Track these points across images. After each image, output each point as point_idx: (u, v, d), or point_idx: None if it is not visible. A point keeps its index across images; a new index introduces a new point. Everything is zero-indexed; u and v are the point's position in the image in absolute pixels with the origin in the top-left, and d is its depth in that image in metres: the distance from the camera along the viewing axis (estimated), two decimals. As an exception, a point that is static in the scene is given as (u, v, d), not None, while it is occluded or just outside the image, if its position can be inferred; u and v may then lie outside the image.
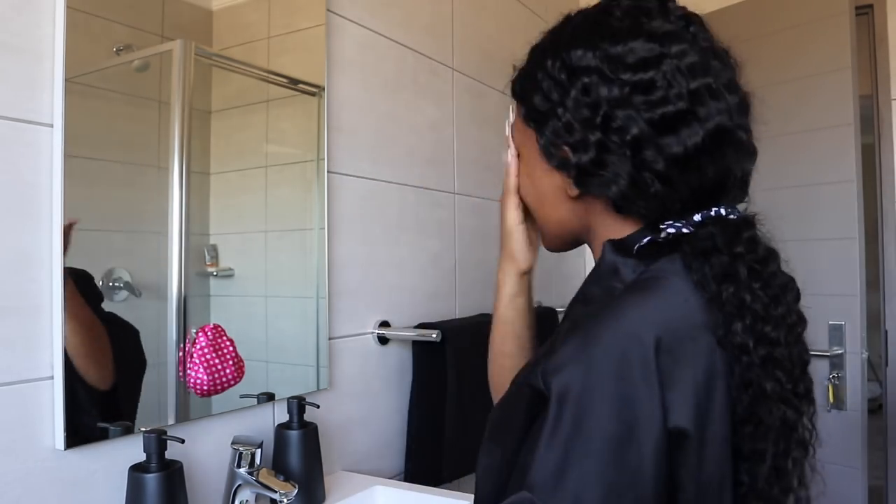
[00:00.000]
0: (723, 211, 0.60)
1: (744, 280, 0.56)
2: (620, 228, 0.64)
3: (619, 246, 0.63)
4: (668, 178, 0.58)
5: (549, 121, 0.63)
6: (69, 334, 0.86)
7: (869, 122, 1.94)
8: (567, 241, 0.72)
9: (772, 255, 0.60)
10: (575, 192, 0.64)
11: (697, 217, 0.59)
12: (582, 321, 0.57)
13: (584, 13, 0.65)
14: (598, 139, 0.59)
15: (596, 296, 0.63)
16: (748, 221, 0.60)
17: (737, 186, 0.62)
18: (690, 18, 0.62)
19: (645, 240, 0.61)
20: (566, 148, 0.62)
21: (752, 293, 0.56)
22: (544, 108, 0.64)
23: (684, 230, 0.59)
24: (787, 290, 0.60)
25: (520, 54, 0.72)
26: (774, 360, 0.56)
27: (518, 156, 0.73)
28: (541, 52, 0.66)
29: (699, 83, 0.58)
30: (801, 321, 0.60)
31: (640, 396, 0.52)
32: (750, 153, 0.62)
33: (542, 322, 0.91)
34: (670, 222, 0.60)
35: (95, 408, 0.90)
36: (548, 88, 0.63)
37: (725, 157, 0.59)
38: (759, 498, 0.57)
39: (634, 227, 0.64)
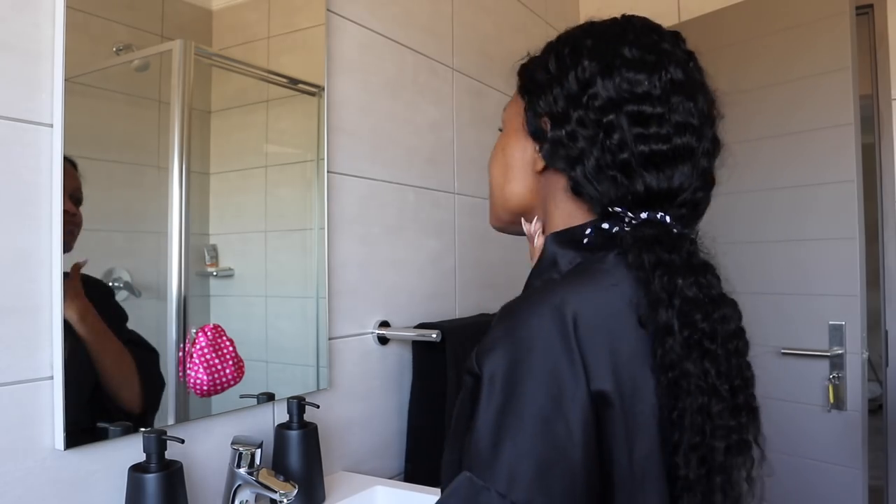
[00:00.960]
0: (668, 219, 0.63)
1: (678, 268, 0.59)
2: (571, 211, 0.68)
3: (560, 238, 0.68)
4: (628, 169, 0.63)
5: (541, 92, 0.68)
6: (101, 367, 0.89)
7: (869, 122, 1.94)
8: (514, 219, 0.75)
9: (708, 267, 0.62)
10: (541, 165, 0.68)
11: (644, 215, 0.63)
12: (510, 306, 0.61)
13: (609, 20, 0.71)
14: (578, 115, 0.64)
15: (535, 287, 0.67)
16: (689, 237, 0.63)
17: (687, 207, 0.65)
18: (691, 53, 0.70)
19: (588, 230, 0.65)
20: (547, 119, 0.67)
21: (685, 281, 0.59)
22: (541, 79, 0.68)
23: (626, 227, 0.63)
24: (724, 302, 0.62)
25: (520, 54, 0.74)
26: (700, 348, 0.58)
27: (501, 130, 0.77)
28: (556, 41, 0.71)
29: (681, 99, 0.64)
30: (741, 337, 0.62)
31: (563, 367, 0.55)
32: (707, 183, 0.66)
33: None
34: (620, 210, 0.63)
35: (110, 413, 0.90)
36: (549, 64, 0.68)
37: (682, 174, 0.63)
38: (690, 488, 0.58)
39: (583, 214, 0.67)
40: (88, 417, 0.88)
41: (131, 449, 0.91)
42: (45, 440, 0.84)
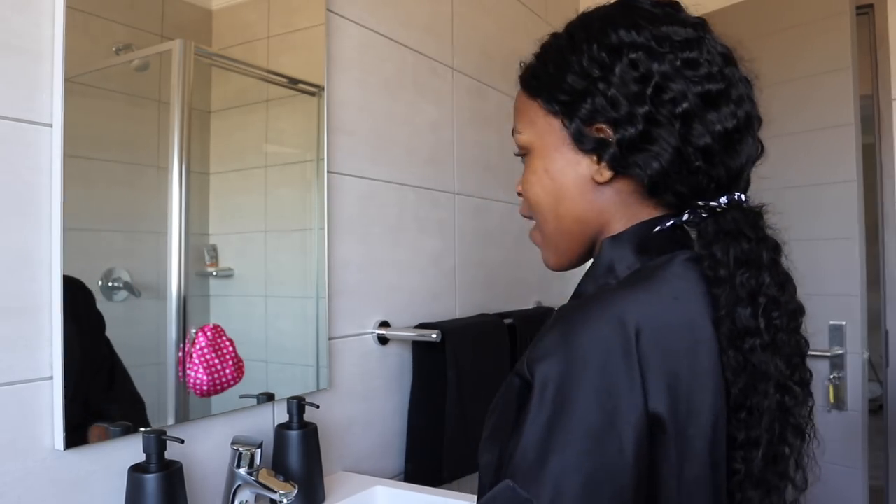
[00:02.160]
0: (744, 198, 0.61)
1: (765, 265, 0.58)
2: (635, 215, 0.64)
3: (618, 242, 0.64)
4: (710, 154, 0.59)
5: (584, 101, 0.62)
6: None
7: (869, 122, 1.94)
8: (580, 248, 0.68)
9: (779, 248, 0.61)
10: (607, 175, 0.62)
11: (723, 199, 0.60)
12: (567, 312, 0.57)
13: (607, 7, 0.65)
14: (646, 112, 0.59)
15: (589, 293, 0.64)
16: (761, 212, 0.61)
17: (747, 178, 0.64)
18: (702, 20, 0.65)
19: (656, 228, 0.62)
20: (605, 126, 0.61)
21: (769, 283, 0.57)
22: (580, 86, 0.62)
23: (704, 214, 0.61)
24: (789, 279, 0.61)
25: (520, 54, 0.72)
26: (775, 346, 0.57)
27: (524, 155, 0.70)
28: (568, 39, 0.65)
29: (732, 70, 0.61)
30: (801, 310, 0.61)
31: (621, 384, 0.52)
32: (760, 151, 0.64)
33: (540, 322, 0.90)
34: (702, 202, 0.61)
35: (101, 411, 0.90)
36: (586, 67, 0.62)
37: (749, 147, 0.62)
38: (755, 485, 0.57)
39: (649, 216, 0.64)
40: (88, 417, 0.88)
41: (131, 449, 0.91)
42: (44, 440, 0.84)
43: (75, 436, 0.86)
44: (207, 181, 1.06)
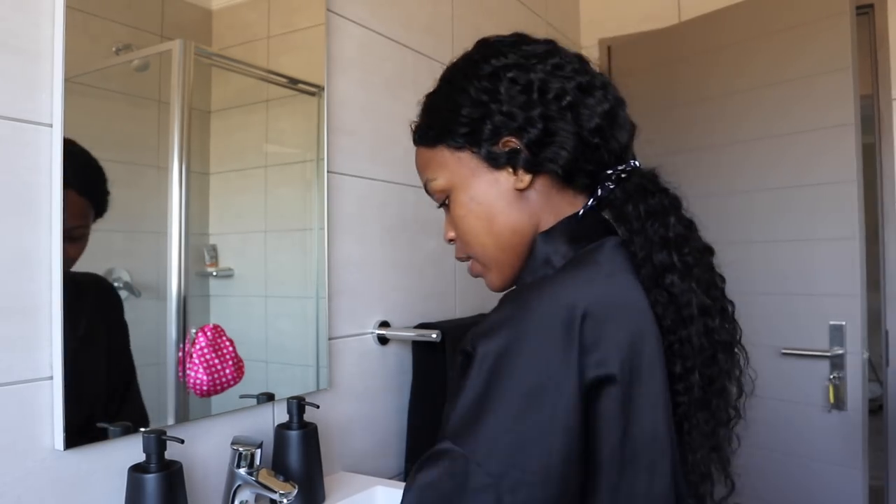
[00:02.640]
0: (637, 163, 0.71)
1: (667, 209, 0.66)
2: (558, 207, 0.70)
3: (549, 236, 0.70)
4: (602, 131, 0.68)
5: (484, 123, 0.69)
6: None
7: (869, 122, 1.94)
8: (522, 258, 0.72)
9: (678, 199, 0.69)
10: (526, 179, 0.69)
11: (621, 167, 0.69)
12: (513, 295, 0.64)
13: (468, 52, 0.75)
14: (540, 112, 0.67)
15: (531, 282, 0.69)
16: (656, 172, 0.70)
17: (631, 152, 0.72)
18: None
19: (580, 211, 0.69)
20: (510, 138, 0.68)
21: (674, 223, 0.66)
22: (476, 113, 0.69)
23: (611, 186, 0.69)
24: (692, 223, 0.69)
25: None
26: (692, 277, 0.64)
27: (445, 203, 0.74)
28: (448, 85, 0.74)
29: (584, 64, 0.71)
30: (709, 249, 0.69)
31: (556, 358, 0.57)
32: (632, 127, 0.73)
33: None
34: (610, 172, 0.69)
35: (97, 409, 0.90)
36: (475, 97, 0.69)
37: (625, 120, 0.71)
38: (700, 407, 0.64)
39: (569, 206, 0.71)
40: (88, 417, 0.88)
41: (131, 449, 0.91)
42: (44, 440, 0.84)
43: (76, 436, 0.86)
44: (207, 181, 1.06)
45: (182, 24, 1.03)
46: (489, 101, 0.68)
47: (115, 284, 0.93)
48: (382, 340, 1.42)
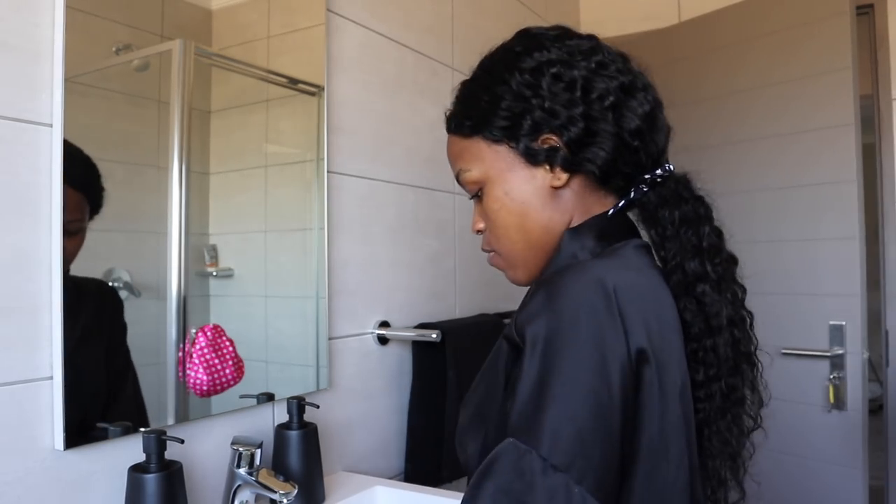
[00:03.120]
0: (672, 167, 0.70)
1: (703, 219, 0.67)
2: (589, 208, 0.70)
3: (576, 233, 0.70)
4: (641, 134, 0.67)
5: (524, 120, 0.68)
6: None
7: (869, 122, 1.94)
8: (545, 256, 0.72)
9: (711, 207, 0.70)
10: (564, 177, 0.68)
11: (658, 171, 0.69)
12: (547, 280, 0.63)
13: (509, 42, 0.73)
14: (582, 111, 0.66)
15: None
16: (690, 178, 0.70)
17: (666, 153, 0.72)
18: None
19: (610, 211, 0.70)
20: (550, 136, 0.67)
21: (708, 233, 0.66)
22: (518, 109, 0.68)
23: (645, 189, 0.69)
24: (722, 233, 0.69)
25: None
26: (721, 287, 0.65)
27: (478, 195, 0.74)
28: (488, 76, 0.72)
29: (629, 64, 0.70)
30: (734, 259, 0.70)
31: (607, 333, 0.57)
32: (669, 130, 0.72)
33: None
34: (647, 177, 0.69)
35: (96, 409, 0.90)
36: (517, 91, 0.68)
37: (663, 122, 0.71)
38: (721, 415, 0.65)
39: (601, 206, 0.70)
40: (89, 417, 0.88)
41: (131, 449, 0.91)
42: (44, 440, 0.84)
43: (76, 436, 0.86)
44: (207, 181, 1.06)
45: (182, 24, 1.03)
46: (531, 95, 0.67)
47: (115, 285, 0.93)
48: (382, 340, 1.42)
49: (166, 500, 0.86)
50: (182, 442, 0.89)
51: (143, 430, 0.89)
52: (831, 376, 1.74)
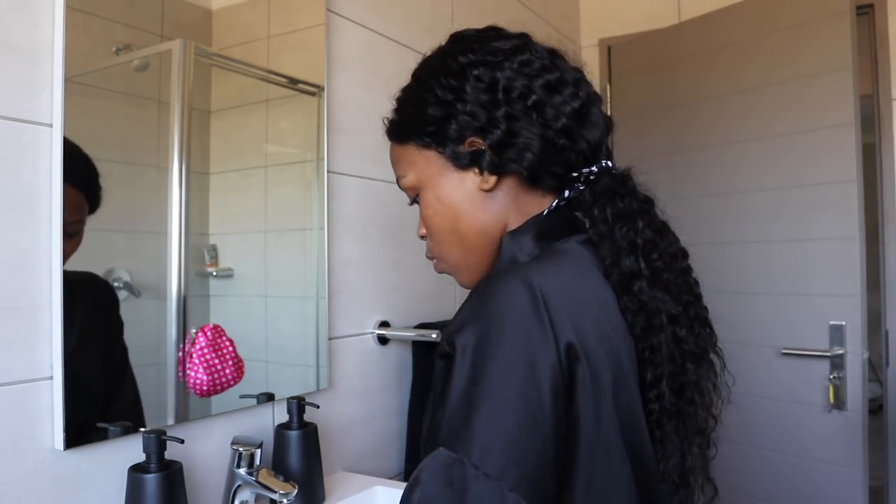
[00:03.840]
0: (609, 163, 0.69)
1: (638, 214, 0.65)
2: (524, 207, 0.69)
3: (515, 236, 0.69)
4: (569, 131, 0.66)
5: (449, 123, 0.67)
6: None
7: (869, 121, 1.94)
8: (490, 258, 0.71)
9: (651, 201, 0.68)
10: (491, 180, 0.68)
11: (594, 168, 0.68)
12: (476, 288, 0.63)
13: (440, 47, 0.73)
14: (503, 112, 0.66)
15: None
16: (629, 173, 0.69)
17: (605, 150, 0.71)
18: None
19: (545, 211, 0.69)
20: (474, 138, 0.67)
21: (643, 228, 0.64)
22: (441, 112, 0.68)
23: (580, 187, 0.68)
24: (666, 227, 0.68)
25: None
26: (661, 284, 0.63)
27: (416, 201, 0.74)
28: (417, 82, 0.72)
29: (560, 61, 0.69)
30: (683, 253, 0.68)
31: (534, 337, 0.56)
32: (608, 125, 0.71)
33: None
34: (576, 174, 0.68)
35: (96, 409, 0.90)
36: (440, 96, 0.68)
37: (597, 118, 0.69)
38: (669, 416, 0.63)
39: (537, 206, 0.69)
40: (89, 417, 0.88)
41: (131, 449, 0.91)
42: (44, 440, 0.84)
43: (76, 436, 0.86)
44: (207, 181, 1.06)
45: (182, 24, 1.03)
46: (454, 99, 0.67)
47: (115, 284, 0.93)
48: (382, 340, 1.42)
49: (166, 500, 0.86)
50: (182, 442, 0.89)
51: (143, 430, 0.89)
52: (831, 376, 1.74)
